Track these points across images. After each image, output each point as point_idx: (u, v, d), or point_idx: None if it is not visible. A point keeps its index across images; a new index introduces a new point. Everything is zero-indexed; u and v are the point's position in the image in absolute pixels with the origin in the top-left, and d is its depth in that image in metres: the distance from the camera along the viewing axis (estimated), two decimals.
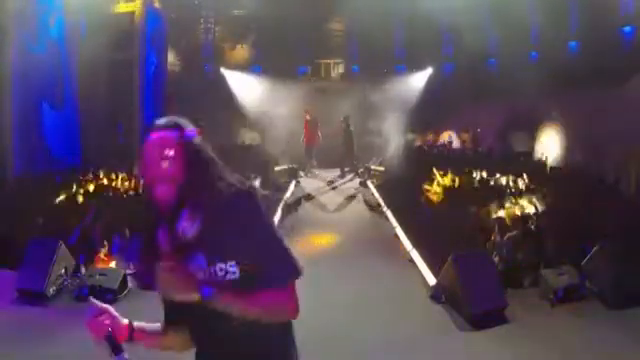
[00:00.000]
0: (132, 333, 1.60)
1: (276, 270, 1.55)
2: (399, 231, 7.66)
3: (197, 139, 1.64)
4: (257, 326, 1.54)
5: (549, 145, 11.43)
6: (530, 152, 11.93)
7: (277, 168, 12.93)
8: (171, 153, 1.57)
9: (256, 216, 1.58)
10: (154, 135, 1.60)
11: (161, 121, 1.64)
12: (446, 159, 11.49)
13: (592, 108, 9.30)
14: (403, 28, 14.92)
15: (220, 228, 1.54)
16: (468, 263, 5.21)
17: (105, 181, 8.91)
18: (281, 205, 9.30)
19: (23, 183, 8.52)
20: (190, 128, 1.64)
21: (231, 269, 1.54)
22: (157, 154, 1.57)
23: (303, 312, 1.57)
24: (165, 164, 1.56)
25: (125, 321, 1.60)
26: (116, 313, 1.59)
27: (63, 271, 5.49)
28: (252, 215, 1.57)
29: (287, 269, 1.57)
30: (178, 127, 1.62)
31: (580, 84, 9.69)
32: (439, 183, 8.93)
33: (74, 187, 8.24)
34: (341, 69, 16.48)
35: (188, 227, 1.57)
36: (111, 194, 8.27)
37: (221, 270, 1.54)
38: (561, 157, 10.77)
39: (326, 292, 5.36)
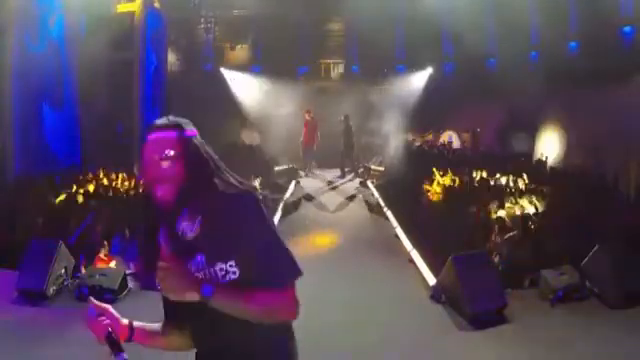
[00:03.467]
0: (132, 333, 1.59)
1: (275, 271, 1.54)
2: (399, 231, 7.67)
3: (197, 138, 1.63)
4: (258, 326, 1.54)
5: (549, 145, 11.43)
6: (530, 152, 11.93)
7: (277, 168, 12.93)
8: (171, 153, 1.56)
9: (256, 216, 1.56)
10: (153, 135, 1.59)
11: (160, 121, 1.63)
12: (446, 159, 11.49)
13: (592, 108, 9.29)
14: (403, 28, 14.91)
15: (220, 228, 1.53)
16: (468, 263, 5.20)
17: (105, 181, 8.90)
18: (281, 205, 9.31)
19: (23, 183, 8.51)
20: (190, 127, 1.63)
21: (231, 269, 1.53)
22: (156, 154, 1.56)
23: (302, 312, 1.57)
24: (165, 164, 1.55)
25: (125, 321, 1.59)
26: (116, 313, 1.58)
27: (63, 271, 5.49)
28: (252, 215, 1.56)
29: (286, 270, 1.56)
30: (177, 126, 1.61)
31: (580, 84, 9.69)
32: (439, 183, 8.92)
33: (74, 187, 8.24)
34: (341, 69, 16.48)
35: (188, 227, 1.57)
36: (111, 194, 8.27)
37: (221, 270, 1.53)
38: (561, 157, 10.77)
39: (326, 292, 5.36)
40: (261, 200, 1.60)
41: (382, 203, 9.61)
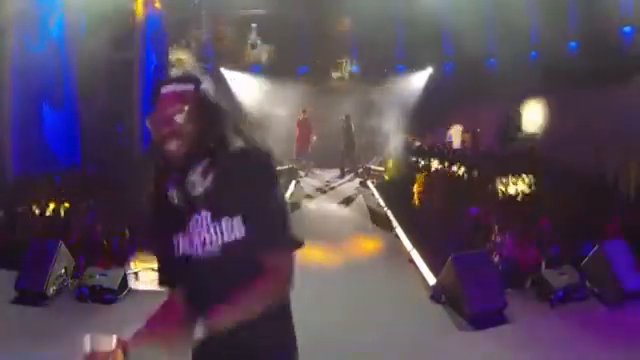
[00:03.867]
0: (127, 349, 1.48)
1: (282, 230, 1.55)
2: (399, 231, 7.66)
3: (211, 93, 1.59)
4: (258, 325, 1.53)
5: (549, 145, 11.42)
6: (530, 152, 11.91)
7: (277, 168, 12.91)
8: (186, 107, 1.52)
9: (269, 175, 1.57)
10: (168, 88, 1.55)
11: (176, 73, 1.60)
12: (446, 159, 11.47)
13: (592, 108, 9.29)
14: (403, 28, 14.93)
15: (231, 183, 1.52)
16: (468, 263, 5.20)
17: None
18: None
19: (23, 183, 8.51)
20: (207, 80, 1.59)
21: (237, 225, 1.51)
22: (171, 108, 1.52)
23: (302, 312, 1.57)
24: (179, 118, 1.51)
25: (119, 348, 1.44)
26: (109, 340, 1.43)
27: (63, 271, 5.49)
28: (265, 173, 1.56)
29: (288, 234, 1.56)
30: (194, 80, 1.57)
31: (580, 84, 9.69)
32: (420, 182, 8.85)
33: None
34: (341, 69, 16.50)
35: (198, 182, 1.54)
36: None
37: (227, 224, 1.51)
38: (561, 157, 10.76)
39: (326, 292, 5.36)
40: (274, 159, 1.59)
41: (382, 203, 9.61)
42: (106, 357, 1.44)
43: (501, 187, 8.59)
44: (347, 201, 10.59)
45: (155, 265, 1.75)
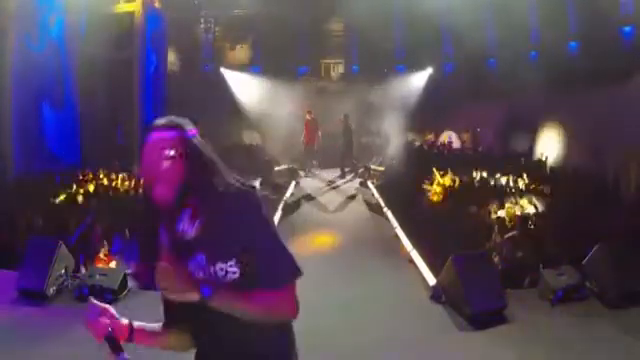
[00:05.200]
0: (132, 333, 1.60)
1: (276, 270, 1.55)
2: (399, 231, 7.66)
3: (197, 139, 1.63)
4: (257, 326, 1.54)
5: (549, 145, 11.43)
6: (530, 152, 11.92)
7: (277, 168, 12.94)
8: (171, 153, 1.55)
9: (256, 215, 1.57)
10: (154, 135, 1.59)
11: (161, 121, 1.63)
12: (446, 159, 11.48)
13: (592, 108, 9.28)
14: (403, 28, 14.93)
15: (220, 227, 1.54)
16: (468, 263, 5.21)
17: (105, 181, 8.91)
18: (281, 205, 9.32)
19: (23, 183, 8.51)
20: (190, 127, 1.63)
21: (231, 269, 1.53)
22: (157, 154, 1.56)
23: (302, 312, 1.57)
24: (165, 164, 1.55)
25: (125, 321, 1.59)
26: (116, 313, 1.58)
27: (63, 271, 5.49)
28: (252, 214, 1.56)
29: (287, 269, 1.57)
30: (178, 127, 1.60)
31: (580, 84, 9.69)
32: (439, 183, 8.88)
33: (74, 187, 8.25)
34: (341, 69, 16.51)
35: (188, 227, 1.57)
36: (111, 194, 8.27)
37: (221, 270, 1.53)
38: (561, 157, 10.77)
39: (325, 292, 5.36)
40: (262, 199, 1.60)
41: (382, 203, 9.61)
42: (113, 326, 1.55)
43: (501, 187, 8.59)
44: (347, 201, 10.58)
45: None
